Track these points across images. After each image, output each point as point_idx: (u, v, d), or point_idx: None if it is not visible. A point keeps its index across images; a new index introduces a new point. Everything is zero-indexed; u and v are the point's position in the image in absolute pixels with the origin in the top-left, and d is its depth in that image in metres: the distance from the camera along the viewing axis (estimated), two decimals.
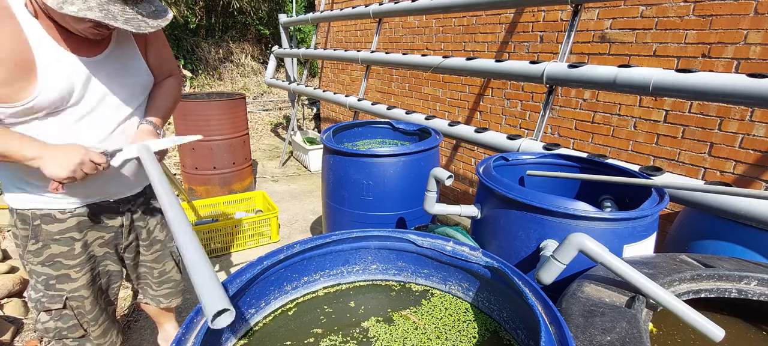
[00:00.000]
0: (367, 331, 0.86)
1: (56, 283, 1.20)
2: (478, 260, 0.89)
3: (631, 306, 0.83)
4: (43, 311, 1.21)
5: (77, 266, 1.22)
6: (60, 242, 1.18)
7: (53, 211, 1.16)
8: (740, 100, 1.39)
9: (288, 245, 0.91)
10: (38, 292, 1.20)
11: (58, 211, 1.16)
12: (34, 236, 1.15)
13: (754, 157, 1.91)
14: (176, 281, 1.54)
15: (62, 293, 1.21)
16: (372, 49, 3.61)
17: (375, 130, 2.57)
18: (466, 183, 3.64)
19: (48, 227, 1.16)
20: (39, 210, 1.14)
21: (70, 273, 1.21)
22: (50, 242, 1.17)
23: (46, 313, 1.21)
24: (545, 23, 2.73)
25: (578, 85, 1.88)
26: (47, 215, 1.15)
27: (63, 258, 1.19)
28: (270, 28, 9.50)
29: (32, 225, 1.14)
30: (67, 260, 1.20)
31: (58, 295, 1.20)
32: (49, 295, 1.20)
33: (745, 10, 1.86)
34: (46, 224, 1.16)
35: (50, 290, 1.20)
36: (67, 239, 1.19)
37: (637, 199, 1.27)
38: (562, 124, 2.74)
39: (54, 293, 1.20)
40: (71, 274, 1.21)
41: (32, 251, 1.16)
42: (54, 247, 1.18)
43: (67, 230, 1.18)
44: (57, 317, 1.21)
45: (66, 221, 1.18)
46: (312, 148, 4.80)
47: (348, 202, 2.04)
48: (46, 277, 1.19)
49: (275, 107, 8.18)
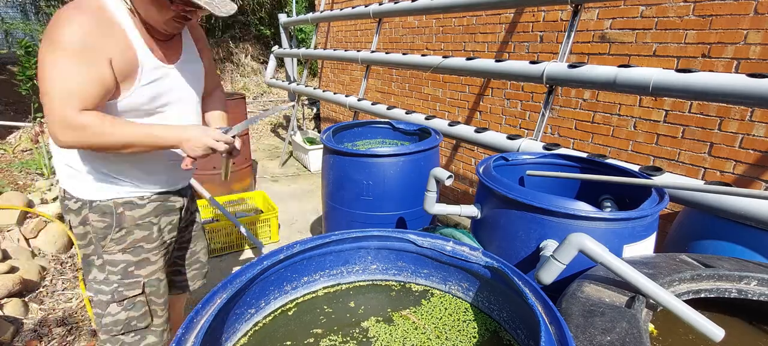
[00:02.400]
0: (366, 331, 0.86)
1: (135, 269, 1.27)
2: (478, 260, 0.89)
3: (631, 306, 0.83)
4: (117, 301, 1.26)
5: (155, 249, 1.31)
6: (142, 227, 1.27)
7: (133, 198, 1.25)
8: (740, 100, 1.39)
9: (288, 245, 0.91)
10: (112, 283, 1.25)
11: (137, 197, 1.25)
12: (117, 224, 1.23)
13: (754, 157, 1.91)
14: (202, 262, 1.61)
15: (140, 279, 1.28)
16: (372, 49, 3.61)
17: (375, 130, 2.57)
18: (466, 183, 3.64)
19: (131, 213, 1.24)
20: (120, 199, 1.23)
21: (149, 257, 1.29)
22: (133, 228, 1.25)
23: (119, 304, 1.26)
24: (545, 23, 2.73)
25: (578, 85, 1.88)
26: (129, 202, 1.24)
27: (144, 242, 1.28)
28: (270, 28, 9.50)
29: (115, 213, 1.22)
30: (147, 243, 1.28)
31: (135, 281, 1.27)
32: (126, 283, 1.26)
33: (745, 10, 1.86)
34: (129, 210, 1.24)
35: (128, 278, 1.26)
36: (147, 223, 1.28)
37: (637, 199, 1.27)
38: (562, 124, 2.74)
39: (132, 280, 1.27)
40: (150, 257, 1.30)
41: (116, 239, 1.23)
42: (136, 232, 1.26)
43: (147, 214, 1.28)
44: (129, 306, 1.27)
45: (145, 206, 1.27)
46: (312, 148, 4.80)
47: (348, 202, 2.04)
48: (126, 264, 1.26)
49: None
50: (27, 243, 2.67)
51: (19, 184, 3.30)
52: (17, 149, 4.16)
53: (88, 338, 2.04)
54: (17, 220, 2.72)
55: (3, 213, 2.71)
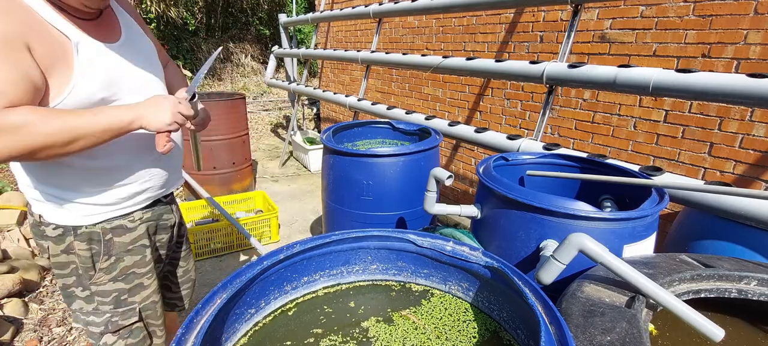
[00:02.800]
0: (367, 331, 0.86)
1: (128, 297, 1.16)
2: (478, 260, 0.89)
3: (631, 306, 0.83)
4: (112, 332, 1.15)
5: (148, 272, 1.20)
6: (132, 252, 1.15)
7: (123, 221, 1.13)
8: (740, 100, 1.39)
9: (288, 245, 0.91)
10: (104, 314, 1.14)
11: (128, 220, 1.14)
12: (105, 252, 1.11)
13: (754, 157, 1.91)
14: (193, 280, 1.52)
15: (135, 306, 1.17)
16: (372, 49, 3.61)
17: (375, 130, 2.57)
18: (466, 183, 3.64)
19: (120, 239, 1.12)
20: (108, 223, 1.10)
21: (142, 282, 1.18)
22: (124, 255, 1.14)
23: (114, 334, 1.15)
24: (545, 23, 2.73)
25: (578, 85, 1.88)
26: (118, 226, 1.12)
27: (136, 268, 1.17)
28: (270, 28, 9.51)
29: (103, 240, 1.10)
30: (139, 268, 1.17)
31: (130, 309, 1.17)
32: (120, 312, 1.15)
33: (745, 10, 1.86)
34: (118, 236, 1.12)
35: (121, 307, 1.15)
36: (139, 247, 1.16)
37: (637, 199, 1.27)
38: (562, 124, 2.74)
39: (126, 309, 1.16)
40: (144, 282, 1.19)
41: (104, 268, 1.11)
42: (127, 259, 1.14)
43: (138, 238, 1.16)
44: (126, 334, 1.17)
45: (136, 229, 1.15)
46: (312, 148, 4.80)
47: (348, 202, 2.04)
48: (118, 293, 1.14)
49: (275, 107, 8.18)
50: (27, 243, 2.67)
51: None
52: None
53: (87, 338, 2.04)
54: (17, 220, 2.72)
55: (3, 213, 2.72)
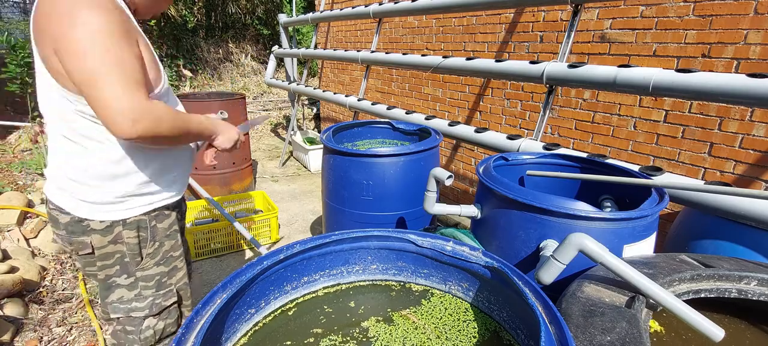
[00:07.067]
0: (366, 331, 0.86)
1: (167, 279, 1.25)
2: (478, 260, 0.89)
3: (631, 306, 0.83)
4: (155, 314, 1.23)
5: (180, 256, 1.29)
6: (170, 237, 1.25)
7: (162, 209, 1.21)
8: (740, 100, 1.39)
9: (288, 245, 0.91)
10: (146, 298, 1.22)
11: (165, 206, 1.22)
12: (152, 237, 1.19)
13: (754, 157, 1.91)
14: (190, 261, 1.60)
15: (172, 288, 1.27)
16: (372, 49, 3.61)
17: (375, 130, 2.57)
18: (466, 183, 3.64)
19: (161, 225, 1.21)
20: (153, 211, 1.18)
21: (177, 264, 1.28)
22: (164, 239, 1.23)
23: (156, 316, 1.24)
24: (545, 23, 2.73)
25: (578, 85, 1.88)
26: (160, 213, 1.20)
27: (173, 251, 1.26)
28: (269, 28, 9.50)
29: (149, 227, 1.18)
30: (175, 252, 1.27)
31: (169, 290, 1.26)
32: (161, 293, 1.24)
33: (745, 10, 1.86)
34: (160, 222, 1.21)
35: (163, 289, 1.24)
36: (173, 232, 1.26)
37: (637, 199, 1.27)
38: (562, 124, 2.74)
39: (166, 291, 1.25)
40: (178, 264, 1.28)
41: (150, 253, 1.20)
42: (167, 243, 1.24)
43: (172, 223, 1.25)
44: (166, 316, 1.26)
45: (171, 216, 1.25)
46: (312, 149, 4.80)
47: (348, 202, 2.04)
48: (159, 276, 1.23)
49: (275, 107, 8.18)
50: (27, 243, 2.67)
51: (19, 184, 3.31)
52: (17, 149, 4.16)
53: (88, 338, 2.04)
54: (17, 220, 2.72)
55: (3, 213, 2.71)
